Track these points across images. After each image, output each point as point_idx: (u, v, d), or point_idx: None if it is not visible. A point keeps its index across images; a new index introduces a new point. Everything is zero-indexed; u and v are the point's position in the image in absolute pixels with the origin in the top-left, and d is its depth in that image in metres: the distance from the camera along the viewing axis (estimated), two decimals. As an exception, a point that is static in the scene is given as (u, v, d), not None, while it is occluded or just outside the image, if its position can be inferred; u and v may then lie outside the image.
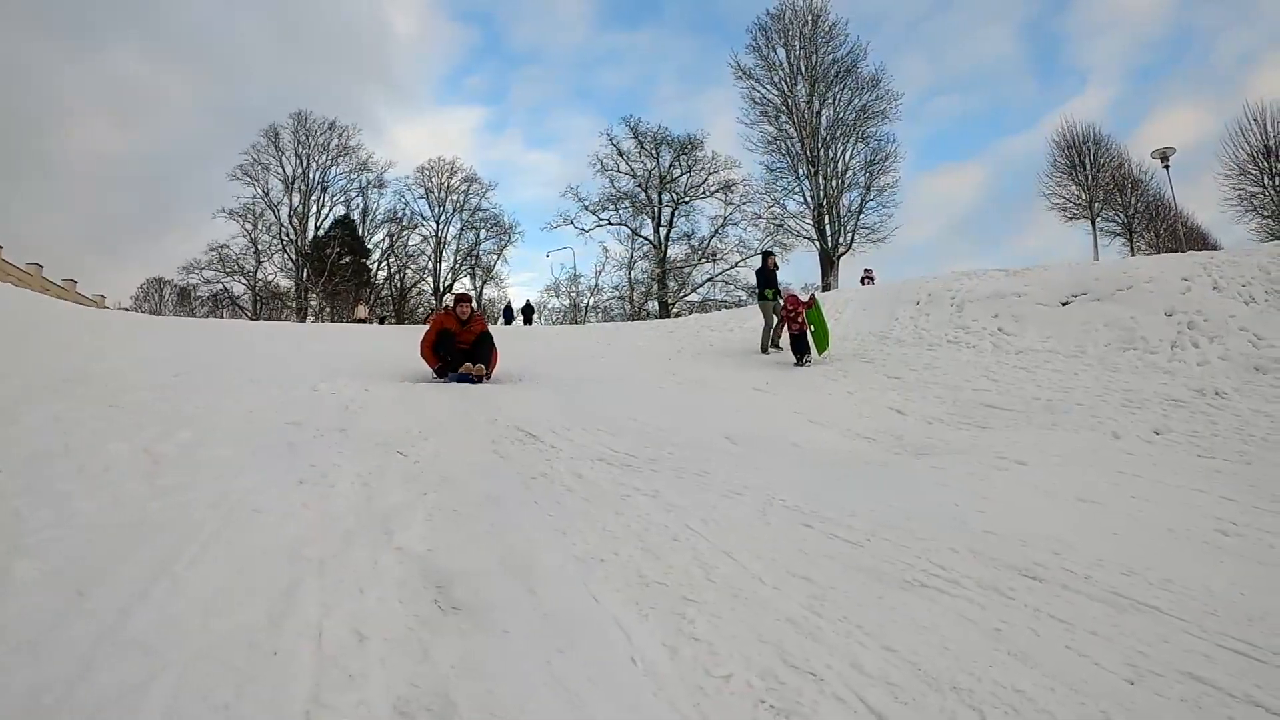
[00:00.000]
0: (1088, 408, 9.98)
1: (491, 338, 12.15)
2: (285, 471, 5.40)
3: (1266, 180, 38.34)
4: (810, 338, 14.37)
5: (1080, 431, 9.00)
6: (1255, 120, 38.84)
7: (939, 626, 3.59)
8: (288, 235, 51.17)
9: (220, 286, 50.27)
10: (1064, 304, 14.87)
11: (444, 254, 54.39)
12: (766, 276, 15.98)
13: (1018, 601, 3.93)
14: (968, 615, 3.75)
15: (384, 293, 53.49)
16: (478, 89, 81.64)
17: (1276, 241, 19.60)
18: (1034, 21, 72.60)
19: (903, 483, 6.55)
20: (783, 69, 46.73)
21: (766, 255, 16.86)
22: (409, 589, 3.52)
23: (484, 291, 54.19)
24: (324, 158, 52.66)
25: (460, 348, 11.75)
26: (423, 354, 11.89)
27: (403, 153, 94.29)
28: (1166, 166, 34.06)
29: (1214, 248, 23.01)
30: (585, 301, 50.77)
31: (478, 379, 11.40)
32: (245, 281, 50.50)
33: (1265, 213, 38.42)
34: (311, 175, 52.26)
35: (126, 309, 44.53)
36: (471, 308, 12.24)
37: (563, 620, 3.30)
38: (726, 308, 35.17)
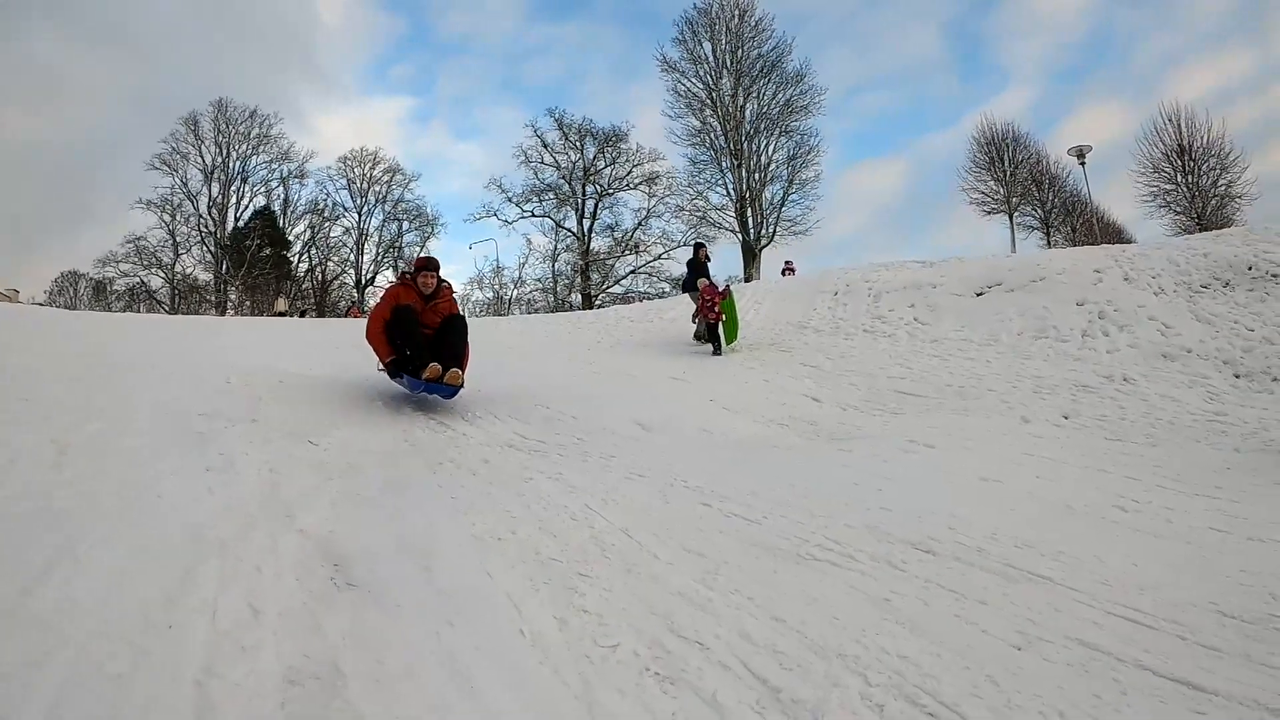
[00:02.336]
0: (999, 394, 10.17)
1: (465, 324, 8.72)
2: (193, 460, 5.30)
3: (1179, 178, 39.50)
4: (721, 327, 14.36)
5: (991, 416, 9.15)
6: (1170, 120, 40.02)
7: (829, 598, 3.62)
8: (206, 227, 49.37)
9: (137, 280, 48.60)
10: (978, 294, 15.08)
11: (366, 246, 53.04)
12: (698, 267, 15.92)
13: (909, 573, 3.97)
14: (858, 587, 3.77)
15: (305, 286, 52.11)
16: (404, 79, 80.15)
17: (1186, 235, 20.07)
18: (958, 21, 73.61)
19: (807, 465, 6.56)
20: (708, 63, 46.78)
21: (699, 246, 16.79)
22: (306, 568, 3.52)
23: None
24: (244, 147, 50.78)
25: (425, 333, 8.34)
26: (370, 338, 8.39)
27: (325, 143, 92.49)
28: (1083, 163, 34.94)
29: (1129, 242, 23.60)
30: (508, 294, 50.27)
31: (452, 390, 7.99)
32: (163, 275, 48.85)
33: (1178, 209, 39.63)
34: (231, 165, 50.46)
35: (40, 304, 43.05)
36: (438, 279, 8.67)
37: (455, 595, 3.31)
38: (650, 299, 35.04)
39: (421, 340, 8.25)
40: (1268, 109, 63.20)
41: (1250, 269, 13.67)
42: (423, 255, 9.85)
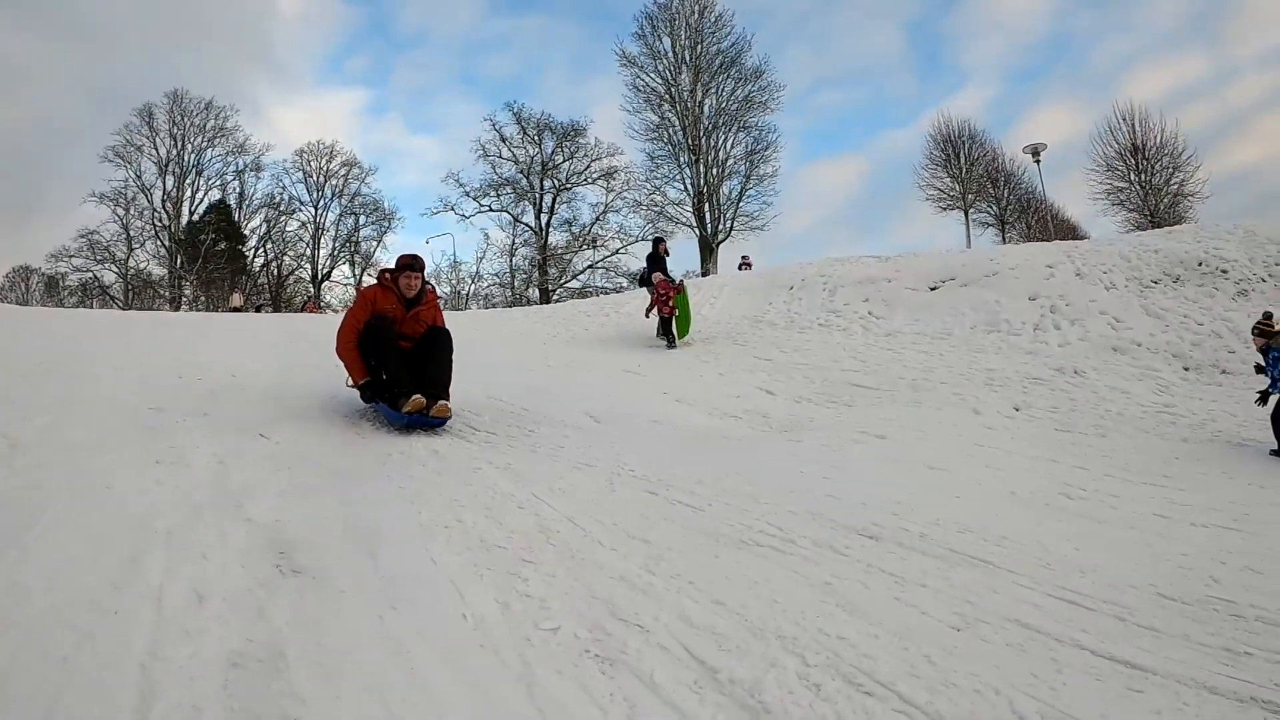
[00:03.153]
0: (951, 386, 10.26)
1: (450, 340, 7.31)
2: (143, 453, 5.23)
3: (1133, 176, 40.18)
4: (674, 321, 14.38)
5: (943, 408, 9.22)
6: (1124, 120, 40.73)
7: (770, 582, 3.62)
8: (161, 221, 48.30)
9: (90, 275, 47.62)
10: (933, 289, 15.23)
11: (322, 240, 52.25)
12: (656, 262, 15.89)
13: (851, 558, 3.98)
14: (799, 571, 3.78)
15: (260, 281, 51.39)
16: (361, 71, 78.98)
17: (1138, 232, 20.35)
18: (919, 21, 74.23)
19: (755, 455, 6.58)
20: (668, 58, 46.76)
21: (658, 241, 16.76)
22: (252, 555, 3.51)
23: (363, 279, 52.65)
24: (200, 139, 49.62)
25: (403, 346, 7.10)
26: (341, 353, 7.10)
27: (281, 135, 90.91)
28: (1038, 161, 35.52)
29: (1083, 239, 23.94)
30: (466, 289, 49.91)
31: (439, 421, 6.80)
32: (116, 270, 47.86)
33: (1130, 206, 40.33)
34: (186, 157, 49.32)
35: (-9, 299, 42.28)
36: (423, 280, 7.41)
37: (399, 581, 3.31)
38: (607, 294, 34.98)
39: (399, 360, 6.89)
40: (1221, 110, 64.64)
41: (1200, 265, 14.00)
42: (405, 253, 7.17)
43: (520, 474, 5.35)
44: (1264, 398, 8.35)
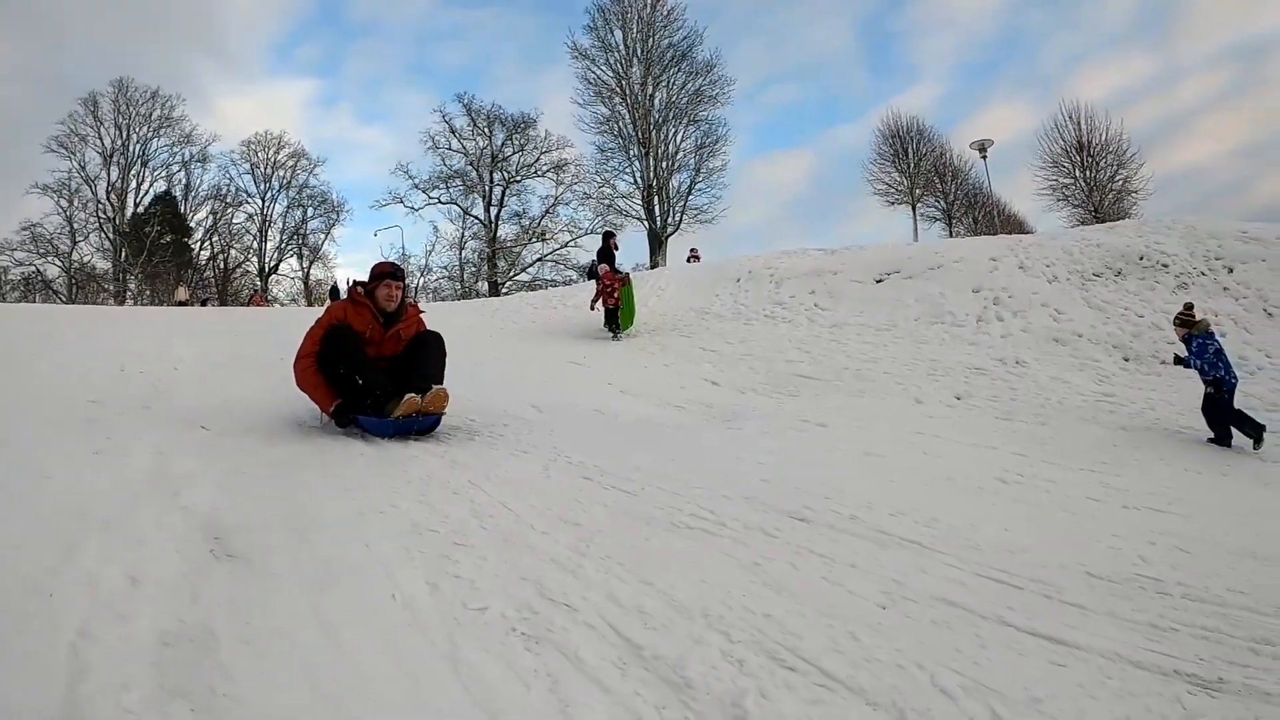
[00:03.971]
0: (894, 376, 10.38)
1: (440, 337, 6.48)
2: (82, 443, 5.10)
3: (1078, 172, 41.28)
4: (619, 313, 14.41)
5: (885, 397, 9.33)
6: (1070, 117, 41.76)
7: (699, 563, 3.62)
8: (105, 213, 46.94)
9: (33, 269, 46.36)
10: (878, 281, 15.39)
11: (269, 233, 51.26)
12: (606, 255, 15.86)
13: (781, 540, 3.97)
14: (729, 553, 3.77)
15: (207, 274, 50.42)
16: (310, 60, 77.67)
17: (1081, 226, 20.67)
18: (870, 17, 74.98)
19: (694, 442, 6.58)
20: (619, 51, 46.69)
21: (608, 235, 16.75)
22: (188, 541, 3.45)
23: (311, 272, 52.00)
24: (145, 129, 48.22)
25: (378, 364, 6.21)
26: (302, 382, 6.14)
27: (229, 125, 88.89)
28: (984, 157, 35.97)
29: (1028, 234, 24.31)
30: (415, 282, 49.38)
31: (432, 419, 6.09)
32: (60, 263, 46.57)
33: (1075, 202, 41.34)
34: (132, 148, 47.89)
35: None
36: (404, 289, 6.51)
37: (332, 565, 3.28)
38: (557, 287, 34.81)
39: (373, 364, 6.07)
40: (1167, 109, 66.02)
41: (1142, 259, 14.26)
42: (383, 260, 6.28)
43: (457, 461, 5.29)
44: (1178, 360, 8.80)
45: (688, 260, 30.63)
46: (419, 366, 6.11)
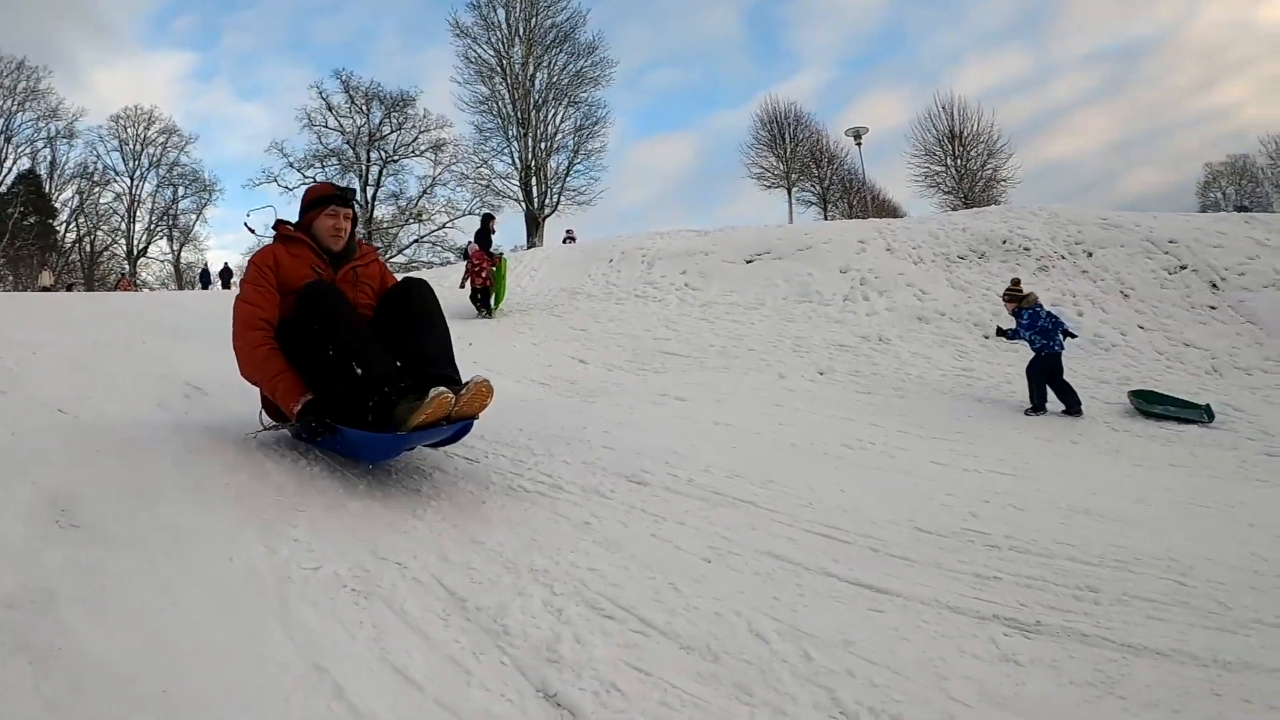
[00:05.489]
0: (759, 353, 10.54)
1: (433, 295, 4.44)
2: None
3: (949, 160, 42.88)
4: (491, 292, 14.33)
5: (749, 373, 9.45)
6: (944, 108, 43.41)
7: (531, 523, 3.66)
8: None
9: None
10: (748, 261, 15.61)
11: (138, 213, 48.76)
12: (482, 237, 15.69)
13: (614, 501, 4.01)
14: (562, 513, 3.80)
15: (72, 257, 47.97)
16: (187, 33, 74.33)
17: (949, 211, 21.30)
18: (758, 5, 76.08)
19: (543, 414, 6.52)
20: (501, 29, 46.01)
21: (488, 218, 16.58)
22: (34, 513, 3.34)
23: (181, 255, 50.00)
24: (9, 103, 45.15)
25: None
26: (253, 369, 4.18)
27: (101, 100, 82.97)
28: (859, 144, 36.90)
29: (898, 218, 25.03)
30: (290, 264, 47.92)
31: (461, 428, 4.06)
32: None
33: (946, 189, 42.97)
34: None
35: None
36: (355, 216, 4.67)
37: (173, 532, 3.24)
38: (434, 268, 34.24)
39: (374, 342, 4.02)
40: (1041, 105, 68.78)
41: (1005, 242, 14.81)
42: (322, 181, 5.21)
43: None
44: (1001, 332, 9.37)
45: (563, 241, 30.53)
46: (426, 345, 4.15)
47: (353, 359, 3.83)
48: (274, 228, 4.57)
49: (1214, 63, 70.17)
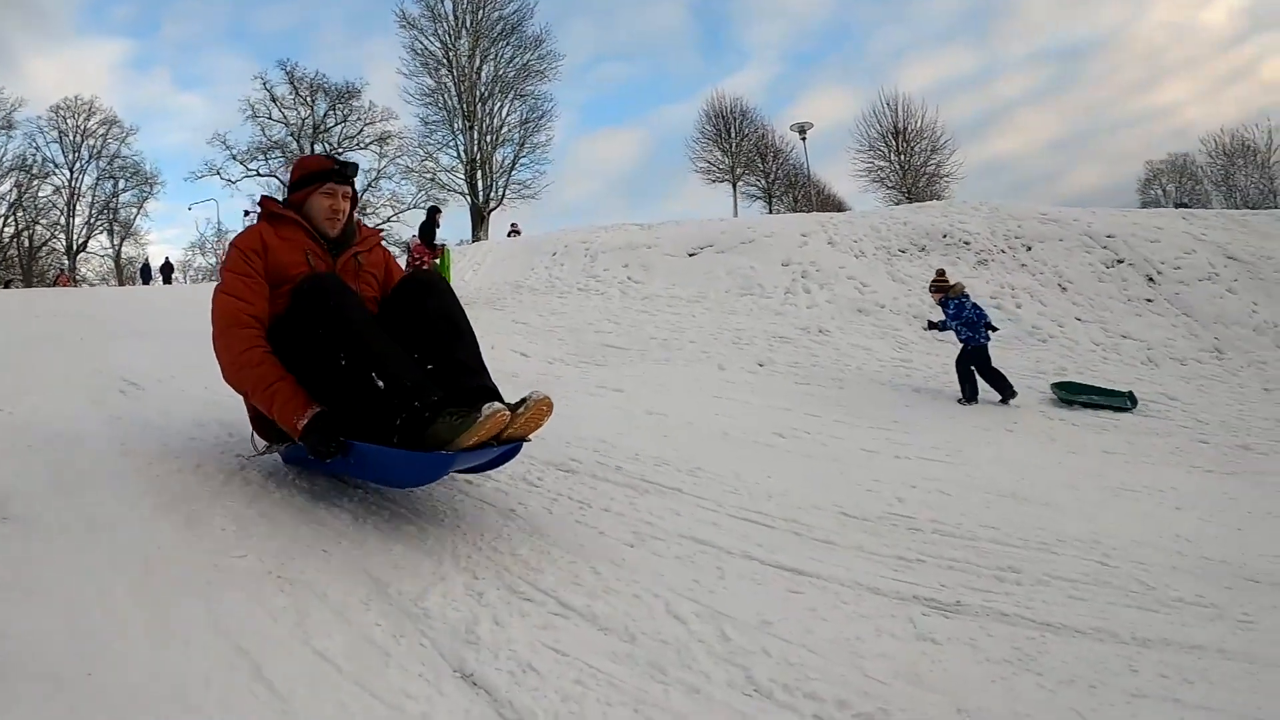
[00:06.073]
0: (700, 345, 10.60)
1: (453, 293, 3.91)
2: None
3: (893, 156, 43.65)
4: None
5: (689, 365, 9.50)
6: (889, 105, 44.16)
7: (456, 510, 3.65)
8: None
9: None
10: (691, 255, 15.67)
11: (78, 207, 47.55)
12: (429, 230, 15.62)
13: (542, 488, 4.01)
14: (489, 500, 3.79)
15: (10, 252, 46.80)
16: (126, 19, 72.57)
17: (893, 206, 21.55)
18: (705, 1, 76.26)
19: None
20: (448, 21, 45.54)
21: (434, 210, 16.53)
22: None
23: (122, 250, 48.92)
24: None
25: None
26: (242, 377, 3.44)
27: (39, 89, 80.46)
28: (804, 138, 37.19)
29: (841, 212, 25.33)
30: (233, 259, 47.04)
31: (509, 451, 3.52)
32: None
33: (890, 184, 43.70)
34: None
35: None
36: (355, 196, 3.87)
37: (105, 523, 3.20)
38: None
39: (395, 347, 3.37)
40: (986, 102, 69.80)
41: (945, 236, 15.10)
42: (317, 154, 4.53)
43: (229, 425, 5.09)
44: (932, 325, 9.60)
45: (508, 235, 30.43)
46: (441, 344, 3.52)
47: (373, 369, 3.22)
48: (260, 205, 3.84)
49: (1156, 63, 71.71)
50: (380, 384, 3.18)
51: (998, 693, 2.41)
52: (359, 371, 3.19)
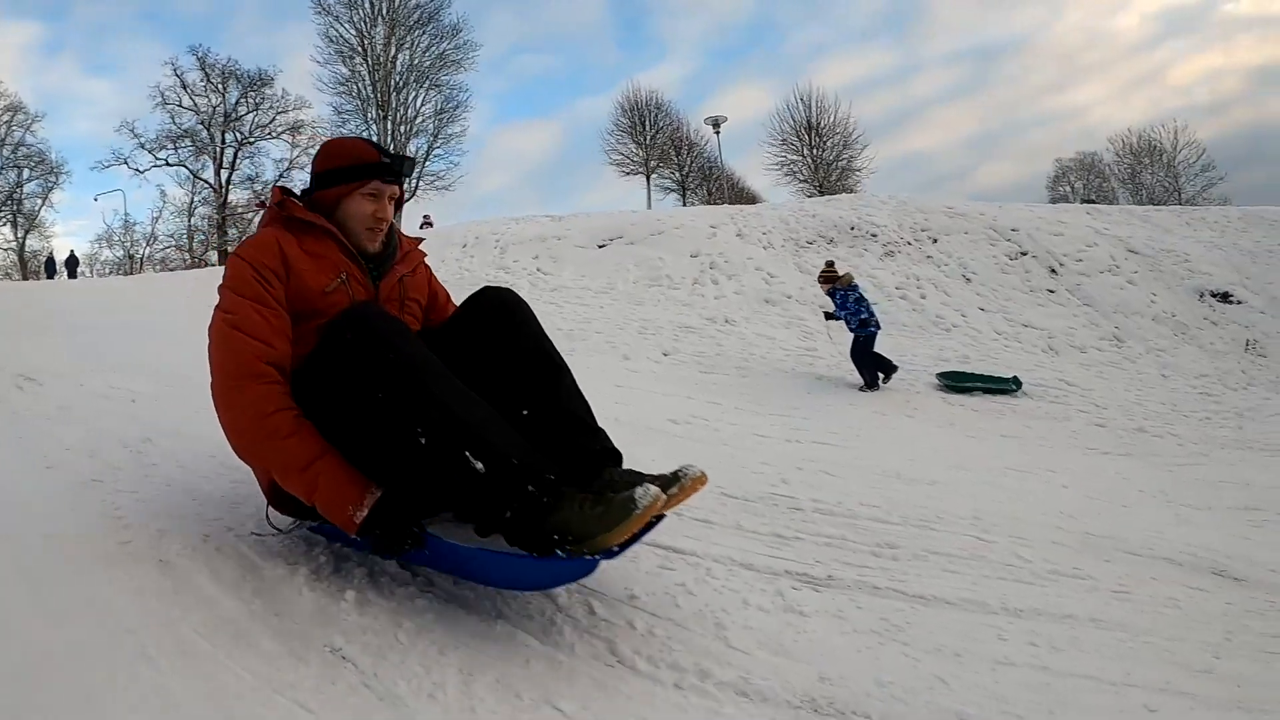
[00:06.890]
0: (605, 335, 10.61)
1: (533, 313, 2.97)
2: None
3: (806, 150, 44.13)
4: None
5: (594, 355, 9.53)
6: (802, 100, 44.59)
7: None
8: None
9: None
10: (601, 246, 15.72)
11: None
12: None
13: None
14: None
15: None
16: (35, 1, 70.82)
17: (808, 199, 21.80)
18: (625, -8, 76.58)
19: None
20: (364, 8, 44.50)
21: None
22: None
23: (26, 243, 47.26)
24: None
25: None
26: (259, 451, 2.48)
27: None
28: (718, 132, 37.73)
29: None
30: (140, 252, 45.84)
31: (654, 522, 2.41)
32: None
33: (802, 178, 44.22)
34: None
35: None
36: (401, 198, 2.84)
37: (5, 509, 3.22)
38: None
39: (475, 406, 2.40)
40: (903, 100, 71.18)
41: (853, 229, 15.37)
42: (346, 136, 3.80)
43: (136, 418, 4.95)
44: (829, 315, 9.80)
45: (420, 227, 30.11)
46: (538, 389, 2.79)
47: (467, 446, 2.28)
48: (279, 207, 2.76)
49: (1069, 65, 73.97)
50: (479, 467, 2.27)
51: (862, 661, 2.43)
52: (448, 452, 2.29)
